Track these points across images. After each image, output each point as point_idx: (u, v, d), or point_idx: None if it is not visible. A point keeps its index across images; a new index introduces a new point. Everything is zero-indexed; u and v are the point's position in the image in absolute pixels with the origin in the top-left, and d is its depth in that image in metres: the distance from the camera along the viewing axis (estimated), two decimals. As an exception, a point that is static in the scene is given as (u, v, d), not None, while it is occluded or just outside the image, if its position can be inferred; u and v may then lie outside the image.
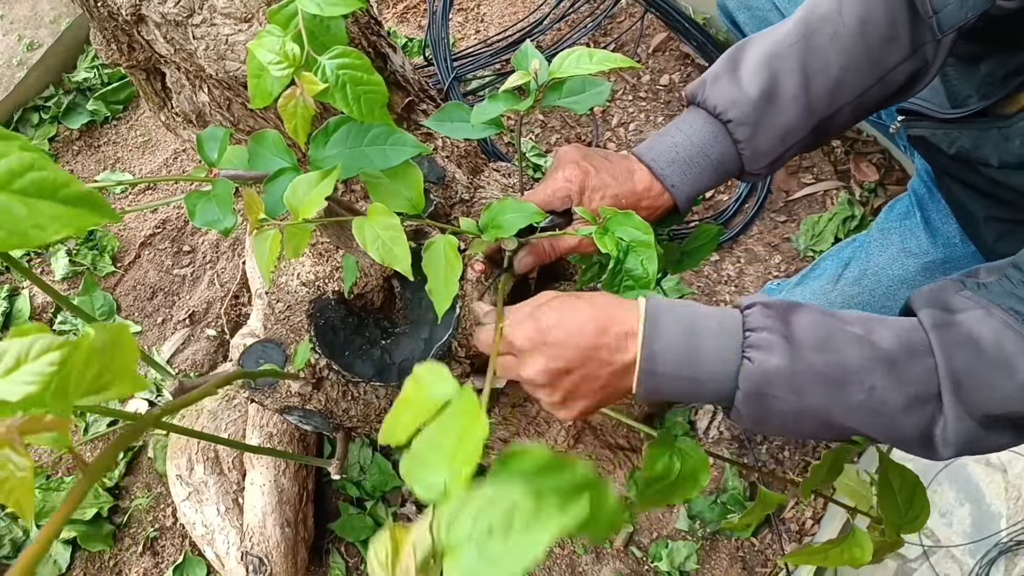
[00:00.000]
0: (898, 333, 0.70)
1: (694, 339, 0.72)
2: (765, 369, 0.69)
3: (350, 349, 1.03)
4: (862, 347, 0.70)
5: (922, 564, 1.51)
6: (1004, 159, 0.93)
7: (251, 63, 0.69)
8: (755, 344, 0.70)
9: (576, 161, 0.90)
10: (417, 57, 1.95)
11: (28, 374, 0.29)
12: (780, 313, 0.71)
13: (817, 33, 0.88)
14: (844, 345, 0.70)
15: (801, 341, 0.69)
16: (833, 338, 0.70)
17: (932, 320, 0.69)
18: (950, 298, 0.72)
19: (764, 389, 0.70)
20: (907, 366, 0.69)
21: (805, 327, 0.70)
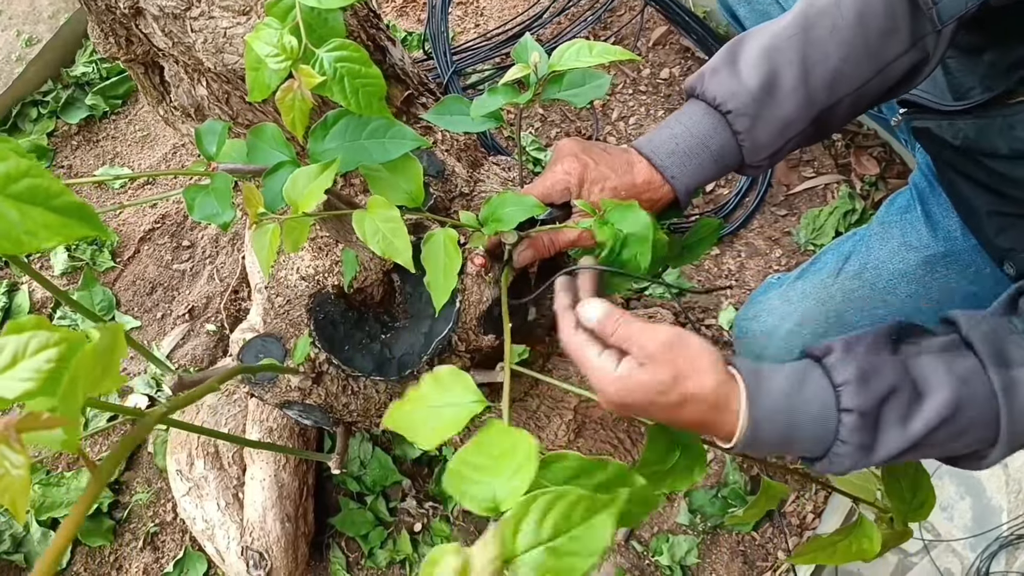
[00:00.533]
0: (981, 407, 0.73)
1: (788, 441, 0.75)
2: (842, 470, 0.75)
3: (350, 343, 1.02)
4: (945, 430, 0.73)
5: (923, 558, 1.51)
6: (1015, 147, 0.92)
7: (249, 56, 0.69)
8: (841, 454, 0.73)
9: (575, 154, 0.90)
10: (416, 51, 1.94)
11: (25, 370, 0.29)
12: (872, 421, 0.73)
13: (816, 25, 0.87)
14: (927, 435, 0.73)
15: (886, 444, 0.73)
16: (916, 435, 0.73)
17: (1000, 383, 0.72)
18: (1007, 346, 0.74)
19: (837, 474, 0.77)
20: (973, 435, 0.74)
21: (892, 430, 0.73)
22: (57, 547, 0.29)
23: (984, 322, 0.76)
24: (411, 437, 0.63)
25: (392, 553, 1.45)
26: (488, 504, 0.53)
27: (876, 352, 0.76)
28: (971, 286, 1.13)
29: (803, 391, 0.75)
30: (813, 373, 0.76)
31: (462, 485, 0.54)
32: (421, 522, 1.47)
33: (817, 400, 0.74)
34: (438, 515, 1.47)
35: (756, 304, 1.31)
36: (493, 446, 0.56)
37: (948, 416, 0.72)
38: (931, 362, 0.75)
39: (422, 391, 0.66)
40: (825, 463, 0.75)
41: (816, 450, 0.74)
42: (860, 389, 0.73)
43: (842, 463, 0.73)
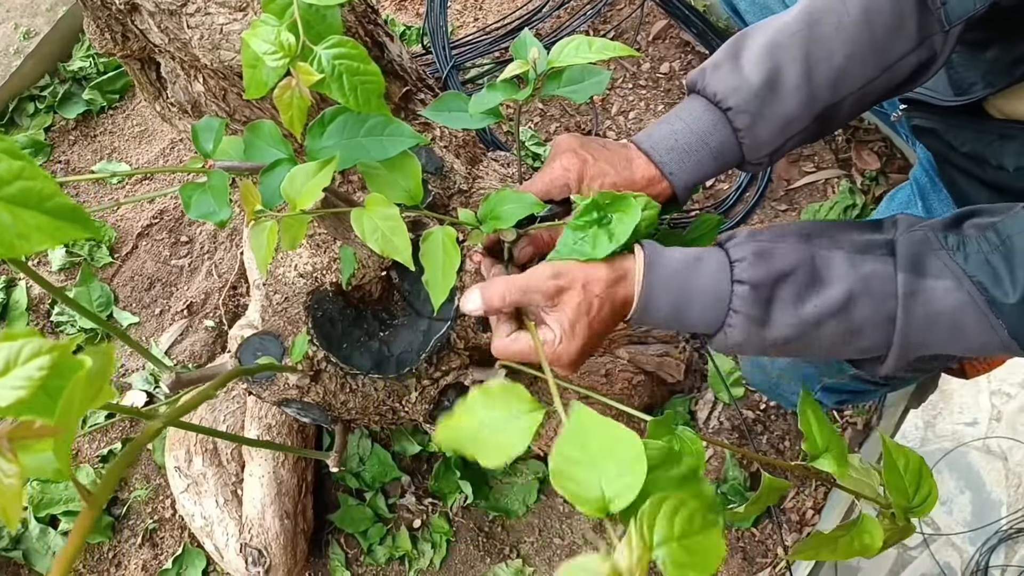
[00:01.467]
0: (875, 307, 0.75)
1: (683, 308, 0.78)
2: (737, 343, 0.77)
3: (348, 341, 1.02)
4: (836, 322, 0.75)
5: (922, 552, 1.52)
6: (1021, 164, 0.92)
7: (246, 53, 0.68)
8: (733, 324, 0.76)
9: (574, 149, 0.89)
10: (415, 46, 1.93)
11: (17, 379, 0.29)
12: (765, 295, 0.75)
13: (821, 22, 0.86)
14: (819, 322, 0.75)
15: (776, 323, 0.76)
16: (808, 319, 0.75)
17: (905, 287, 0.74)
18: (928, 257, 0.75)
19: (735, 350, 0.80)
20: (866, 337, 0.76)
21: (787, 308, 0.75)
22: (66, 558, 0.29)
23: (919, 230, 0.78)
24: (474, 456, 0.62)
25: (391, 549, 1.45)
26: (597, 503, 0.54)
27: (780, 239, 0.79)
28: (971, 282, 1.13)
29: (700, 265, 0.78)
30: (713, 252, 0.79)
31: (568, 484, 0.55)
32: (420, 518, 1.47)
33: (712, 273, 0.77)
34: (437, 511, 1.47)
35: (756, 300, 1.31)
36: (591, 441, 0.57)
37: (840, 307, 0.74)
38: (838, 257, 0.77)
39: (473, 406, 0.65)
40: (720, 337, 0.77)
41: (710, 321, 0.77)
42: (756, 264, 0.76)
43: (735, 336, 0.76)
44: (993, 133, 0.94)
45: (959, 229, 0.77)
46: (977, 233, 0.75)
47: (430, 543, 1.45)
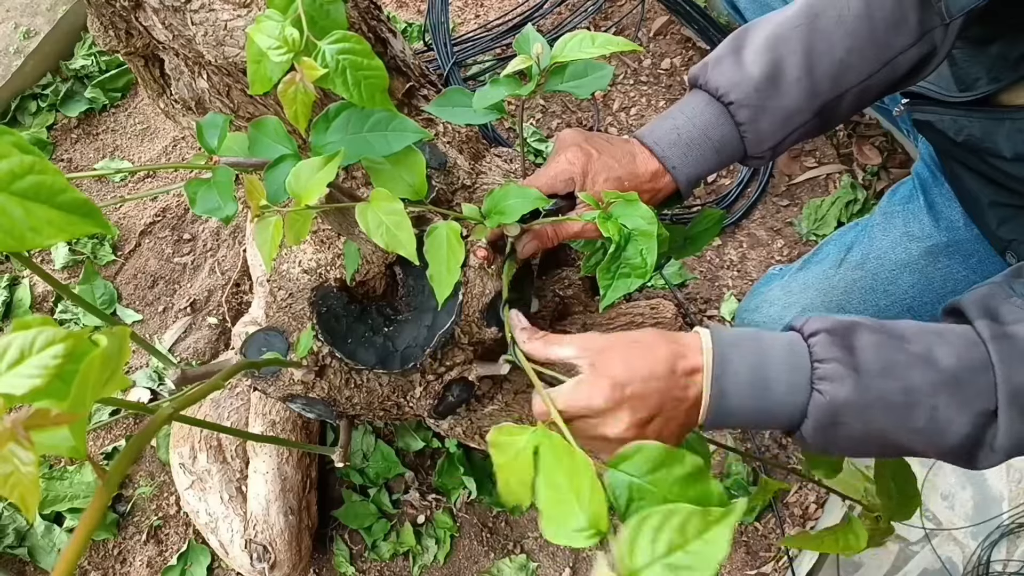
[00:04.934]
0: (958, 350, 0.69)
1: (763, 373, 0.71)
2: (835, 401, 0.69)
3: (352, 337, 1.02)
4: (925, 369, 0.69)
5: (924, 547, 1.52)
6: (1019, 151, 0.92)
7: (250, 49, 0.68)
8: (824, 376, 0.69)
9: (578, 144, 0.90)
10: (417, 42, 1.93)
11: (33, 367, 0.29)
12: (843, 340, 0.70)
13: (822, 16, 0.87)
14: (908, 369, 0.69)
15: (867, 369, 0.69)
16: (896, 363, 0.69)
17: (990, 332, 0.69)
18: (1001, 307, 0.71)
19: (834, 419, 0.70)
20: (968, 384, 0.69)
21: (869, 353, 0.69)
22: (69, 559, 0.29)
23: (981, 288, 0.75)
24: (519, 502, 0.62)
25: (395, 545, 1.45)
26: (587, 530, 0.53)
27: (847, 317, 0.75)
28: (973, 276, 1.13)
29: (765, 333, 0.73)
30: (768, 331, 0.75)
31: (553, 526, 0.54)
32: (424, 514, 1.47)
33: (781, 336, 0.73)
34: (441, 507, 1.48)
35: (758, 295, 1.31)
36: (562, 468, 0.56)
37: (923, 356, 0.69)
38: (903, 321, 0.73)
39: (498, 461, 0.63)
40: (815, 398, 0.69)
41: (798, 387, 0.70)
42: (822, 317, 0.72)
43: (832, 387, 0.68)
44: (987, 119, 0.95)
45: (1021, 278, 0.75)
46: None
47: (434, 539, 1.46)
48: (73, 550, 0.33)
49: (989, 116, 0.93)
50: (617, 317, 1.35)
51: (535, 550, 1.45)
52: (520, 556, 1.44)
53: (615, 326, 1.33)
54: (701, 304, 1.64)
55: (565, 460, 0.57)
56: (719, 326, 0.75)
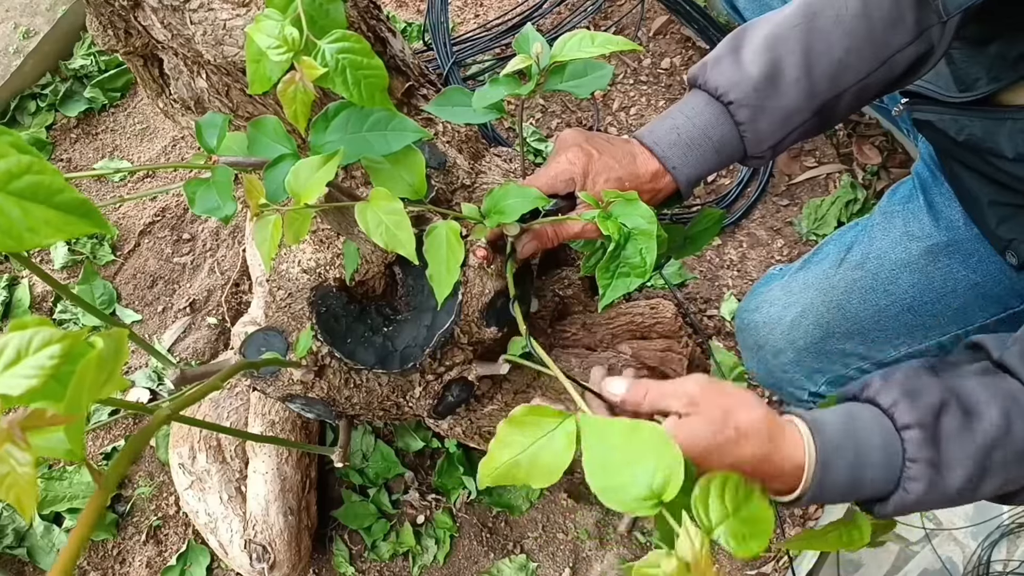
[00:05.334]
0: None
1: (860, 472, 0.72)
2: (919, 499, 0.72)
3: (352, 336, 1.02)
4: (1004, 447, 0.72)
5: (924, 547, 1.51)
6: (1020, 151, 0.92)
7: (250, 48, 0.68)
8: (913, 477, 0.71)
9: (579, 144, 0.89)
10: (416, 42, 1.93)
11: (29, 367, 0.29)
12: (932, 433, 0.71)
13: (820, 15, 0.87)
14: (989, 451, 0.71)
15: (951, 462, 0.71)
16: (978, 450, 0.71)
17: None
18: None
19: (913, 508, 0.73)
20: None
21: (954, 444, 0.71)
22: (67, 559, 0.29)
23: (1015, 344, 0.76)
24: (528, 483, 0.64)
25: (395, 545, 1.45)
26: (648, 499, 0.55)
27: (916, 376, 0.76)
28: (974, 275, 1.13)
29: (856, 421, 0.74)
30: (860, 407, 0.75)
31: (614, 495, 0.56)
32: (424, 514, 1.47)
33: (874, 425, 0.73)
34: (441, 507, 1.48)
35: (758, 295, 1.31)
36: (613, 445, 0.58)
37: (1004, 431, 0.71)
38: (973, 382, 0.75)
39: (505, 438, 0.65)
40: (899, 495, 0.72)
41: (888, 480, 0.72)
42: (912, 405, 0.72)
43: (916, 487, 0.71)
44: (988, 119, 0.94)
45: None
46: None
47: (434, 539, 1.46)
48: (71, 550, 0.33)
49: (990, 116, 0.93)
50: (616, 317, 1.35)
51: (535, 550, 1.45)
52: (520, 556, 1.44)
53: (615, 326, 1.33)
54: (701, 304, 1.63)
55: (617, 438, 0.59)
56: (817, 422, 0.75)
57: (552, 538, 1.45)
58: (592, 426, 0.61)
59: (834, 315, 1.19)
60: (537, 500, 1.47)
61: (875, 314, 1.17)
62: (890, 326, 1.17)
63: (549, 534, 1.46)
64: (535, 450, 0.64)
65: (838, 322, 1.19)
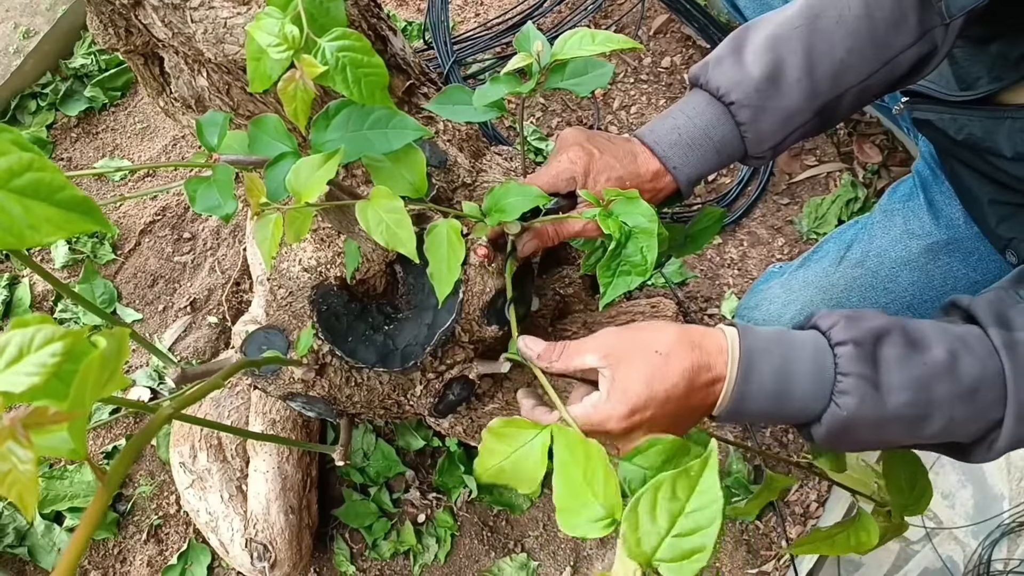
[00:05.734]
0: (982, 360, 0.70)
1: (786, 381, 0.71)
2: (852, 415, 0.69)
3: (353, 335, 1.02)
4: (948, 381, 0.70)
5: (925, 546, 1.52)
6: (1019, 150, 0.92)
7: (250, 46, 0.68)
8: (846, 390, 0.69)
9: (580, 143, 0.89)
10: (416, 40, 1.93)
11: (31, 365, 0.29)
12: (870, 353, 0.70)
13: (822, 16, 0.87)
14: (930, 382, 0.70)
15: (890, 385, 0.69)
16: (919, 377, 0.70)
17: (1002, 340, 0.70)
18: (1010, 312, 0.72)
19: (847, 430, 0.71)
20: (984, 396, 0.70)
21: (893, 368, 0.70)
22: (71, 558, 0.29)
23: (989, 292, 0.76)
24: (516, 487, 0.66)
25: (396, 544, 1.45)
26: (603, 519, 0.55)
27: (865, 310, 0.75)
28: (973, 273, 1.13)
29: (792, 334, 0.73)
30: (798, 331, 0.74)
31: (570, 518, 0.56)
32: (425, 513, 1.47)
33: (808, 340, 0.72)
34: (442, 506, 1.48)
35: (758, 293, 1.31)
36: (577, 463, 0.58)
37: (948, 367, 0.69)
38: (926, 324, 0.74)
39: (491, 447, 0.67)
40: (832, 410, 0.70)
41: (819, 395, 0.70)
42: (850, 325, 0.71)
43: (849, 402, 0.69)
44: (987, 118, 0.95)
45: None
46: None
47: (434, 538, 1.46)
48: (74, 549, 0.33)
49: (990, 115, 0.93)
50: (617, 315, 1.35)
51: (535, 549, 1.45)
52: (521, 555, 1.44)
53: (615, 324, 1.33)
54: (702, 302, 1.63)
55: (579, 452, 0.58)
56: (747, 327, 0.74)
57: (553, 536, 1.45)
58: (565, 438, 0.61)
59: (834, 313, 1.19)
60: (538, 499, 1.47)
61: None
62: (890, 324, 1.17)
63: (550, 533, 1.46)
64: (517, 458, 0.66)
65: (838, 321, 1.19)
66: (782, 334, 0.73)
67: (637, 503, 0.50)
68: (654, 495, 0.50)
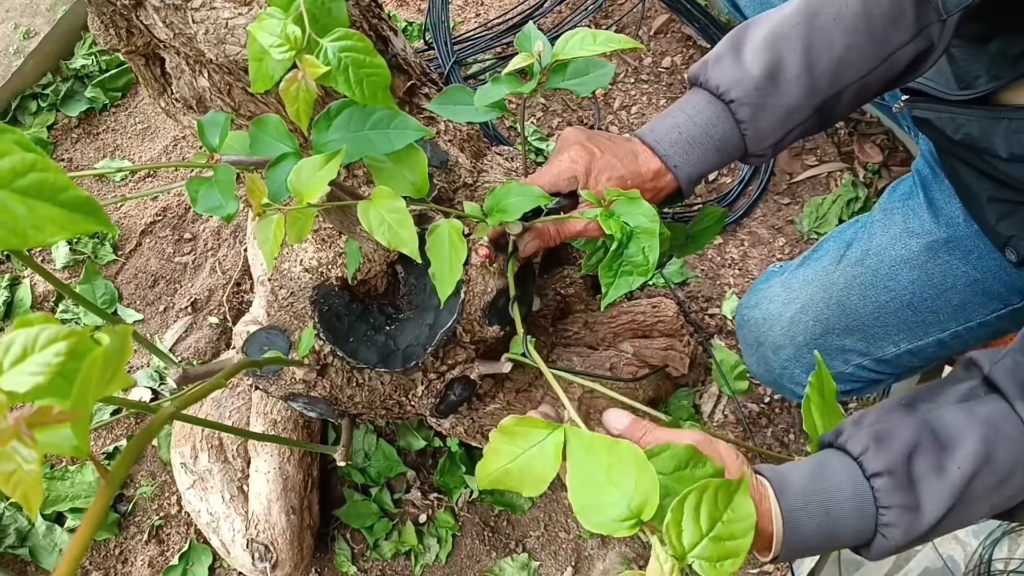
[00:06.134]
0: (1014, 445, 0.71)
1: (831, 529, 0.72)
2: (900, 542, 0.71)
3: (354, 335, 1.02)
4: (986, 475, 0.71)
5: (925, 546, 1.51)
6: (1014, 151, 0.92)
7: (252, 46, 0.68)
8: (889, 523, 0.71)
9: (581, 143, 0.90)
10: (417, 41, 1.93)
11: (35, 364, 0.29)
12: (905, 478, 0.71)
13: (820, 13, 0.87)
14: (968, 483, 0.71)
15: (929, 500, 0.71)
16: (957, 483, 0.71)
17: None
18: None
19: (898, 548, 0.73)
20: (1019, 478, 0.72)
21: (932, 483, 0.71)
22: (72, 558, 0.29)
23: (1007, 358, 0.76)
24: (519, 490, 0.66)
25: (397, 544, 1.45)
26: (627, 520, 0.56)
27: (887, 417, 0.76)
28: (974, 272, 1.13)
29: (825, 472, 0.74)
30: (831, 455, 0.75)
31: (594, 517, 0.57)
32: (426, 513, 1.47)
33: (843, 475, 0.73)
34: (443, 506, 1.48)
35: (758, 291, 1.31)
36: (595, 466, 0.59)
37: (983, 460, 0.70)
38: (951, 413, 0.74)
39: (499, 447, 0.67)
40: (880, 541, 0.72)
41: (864, 529, 0.72)
42: (880, 451, 0.72)
43: (895, 533, 0.71)
44: (985, 118, 0.95)
45: None
46: None
47: (436, 538, 1.46)
48: (75, 550, 0.33)
49: (988, 115, 0.93)
50: (619, 315, 1.35)
51: (537, 549, 1.45)
52: (522, 555, 1.44)
53: (617, 324, 1.33)
54: (702, 302, 1.63)
55: (603, 454, 0.59)
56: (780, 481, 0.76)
57: (554, 537, 1.45)
58: (579, 439, 0.62)
59: (834, 311, 1.19)
60: (539, 499, 1.47)
61: (875, 310, 1.18)
62: (890, 322, 1.17)
63: (551, 533, 1.46)
64: (525, 459, 0.65)
65: (838, 318, 1.19)
66: (816, 479, 0.73)
67: (683, 501, 0.53)
68: (699, 496, 0.53)
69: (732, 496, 0.53)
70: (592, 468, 0.59)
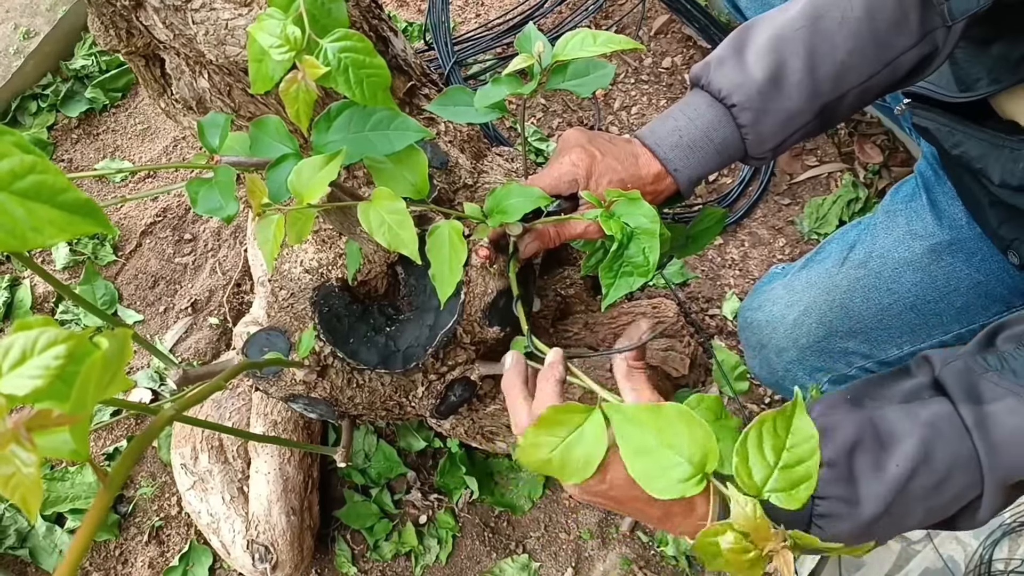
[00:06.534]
0: (953, 447, 0.71)
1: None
2: (834, 536, 0.71)
3: (354, 336, 1.02)
4: (924, 475, 0.70)
5: (925, 546, 1.51)
6: (1005, 179, 0.92)
7: (252, 47, 0.68)
8: (825, 514, 0.70)
9: (582, 145, 0.89)
10: (417, 41, 1.93)
11: (35, 368, 0.29)
12: (845, 470, 0.71)
13: (824, 17, 0.87)
14: (906, 482, 0.70)
15: (867, 496, 0.71)
16: (895, 478, 0.70)
17: (974, 419, 0.70)
18: (980, 384, 0.72)
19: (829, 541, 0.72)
20: (959, 478, 0.71)
21: (870, 478, 0.71)
22: (72, 559, 0.29)
23: (959, 360, 0.75)
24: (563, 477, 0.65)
25: (397, 545, 1.45)
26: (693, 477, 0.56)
27: (831, 412, 0.75)
28: (977, 274, 1.13)
29: None
30: None
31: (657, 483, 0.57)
32: (426, 514, 1.47)
33: None
34: (443, 507, 1.48)
35: (760, 294, 1.31)
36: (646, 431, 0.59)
37: (921, 460, 0.70)
38: (894, 413, 0.74)
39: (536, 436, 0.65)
40: (814, 530, 0.71)
41: (798, 520, 0.71)
42: (823, 444, 0.70)
43: (832, 523, 0.71)
44: (985, 140, 0.94)
45: (994, 348, 0.76)
46: (1015, 346, 0.74)
47: (436, 539, 1.45)
48: (76, 551, 0.33)
49: (991, 139, 0.93)
50: (619, 316, 1.35)
51: (537, 550, 1.45)
52: (522, 556, 1.43)
53: (617, 325, 1.33)
54: (703, 303, 1.63)
55: (649, 421, 0.59)
56: None
57: (554, 538, 1.45)
58: (621, 413, 0.61)
59: (837, 314, 1.19)
60: (539, 500, 1.47)
61: (878, 313, 1.17)
62: (893, 325, 1.17)
63: (551, 534, 1.46)
64: (564, 448, 0.64)
65: (841, 321, 1.19)
66: None
67: (745, 439, 0.54)
68: (759, 431, 0.53)
69: (790, 421, 0.53)
70: (642, 437, 0.59)
